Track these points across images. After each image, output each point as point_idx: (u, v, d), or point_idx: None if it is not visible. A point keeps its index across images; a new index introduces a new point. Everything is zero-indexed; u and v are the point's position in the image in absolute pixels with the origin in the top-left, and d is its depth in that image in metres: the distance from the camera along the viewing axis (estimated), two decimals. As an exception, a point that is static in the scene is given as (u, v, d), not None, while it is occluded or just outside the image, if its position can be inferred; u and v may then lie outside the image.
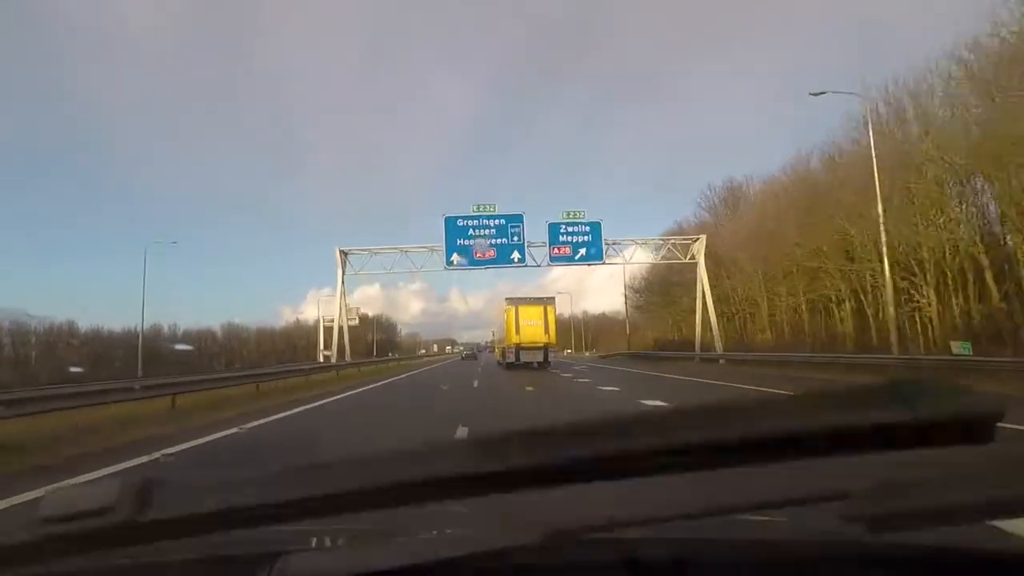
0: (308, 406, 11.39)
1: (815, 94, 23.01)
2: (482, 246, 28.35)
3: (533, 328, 26.29)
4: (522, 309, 26.80)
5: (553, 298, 28.57)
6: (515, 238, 28.67)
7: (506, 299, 28.76)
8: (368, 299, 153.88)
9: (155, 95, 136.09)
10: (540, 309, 26.94)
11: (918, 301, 22.13)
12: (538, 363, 25.96)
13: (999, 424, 0.48)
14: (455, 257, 28.51)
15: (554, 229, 28.92)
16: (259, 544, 1.10)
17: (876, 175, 18.24)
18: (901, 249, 21.09)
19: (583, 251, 29.01)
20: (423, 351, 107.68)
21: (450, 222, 28.59)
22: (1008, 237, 19.98)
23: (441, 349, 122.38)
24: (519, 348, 26.10)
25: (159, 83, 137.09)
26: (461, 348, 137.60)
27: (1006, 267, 19.87)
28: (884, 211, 18.59)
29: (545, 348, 26.42)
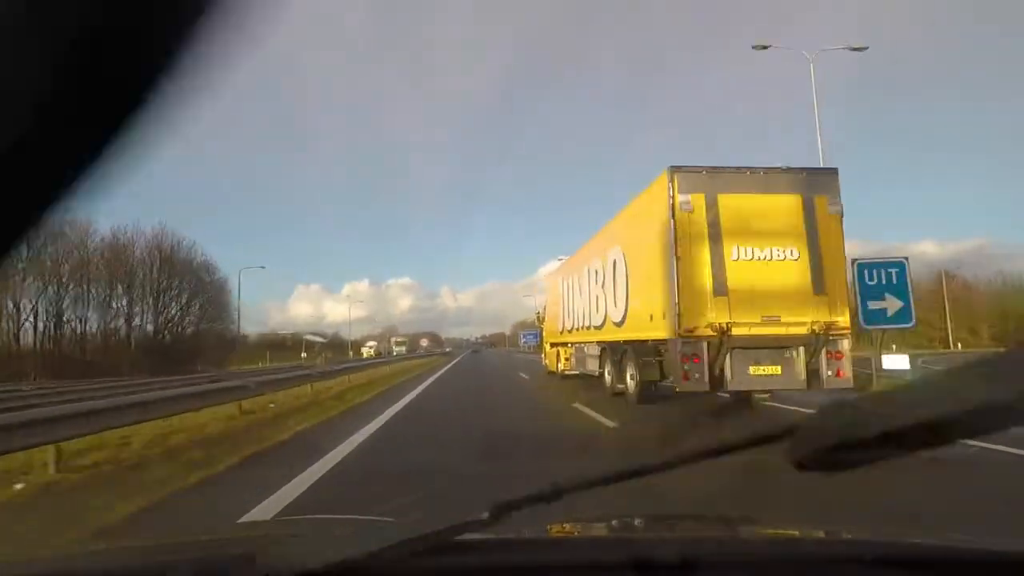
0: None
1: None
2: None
3: (774, 271, 7.65)
4: (732, 201, 7.79)
5: (835, 170, 8.21)
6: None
7: (670, 168, 7.89)
8: (356, 294, 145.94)
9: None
10: (794, 203, 7.81)
11: None
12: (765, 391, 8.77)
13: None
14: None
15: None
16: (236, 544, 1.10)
17: None
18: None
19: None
20: (371, 345, 69.84)
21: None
22: None
23: (426, 347, 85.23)
24: (727, 340, 7.49)
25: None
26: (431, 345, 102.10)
27: None
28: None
29: (822, 341, 7.61)
